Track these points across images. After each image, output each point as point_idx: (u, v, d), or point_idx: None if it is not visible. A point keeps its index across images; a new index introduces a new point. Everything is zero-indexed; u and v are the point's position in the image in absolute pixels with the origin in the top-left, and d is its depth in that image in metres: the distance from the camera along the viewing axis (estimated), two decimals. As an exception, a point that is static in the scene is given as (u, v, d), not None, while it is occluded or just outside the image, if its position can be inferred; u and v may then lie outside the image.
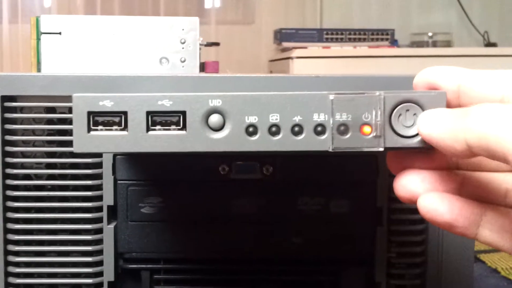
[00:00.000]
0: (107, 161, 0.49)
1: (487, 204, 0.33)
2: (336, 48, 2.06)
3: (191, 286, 0.51)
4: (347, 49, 2.07)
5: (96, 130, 0.33)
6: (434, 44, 2.21)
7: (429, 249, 0.50)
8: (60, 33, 1.11)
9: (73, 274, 0.50)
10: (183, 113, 0.33)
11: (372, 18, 2.44)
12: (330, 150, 0.33)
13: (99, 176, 0.49)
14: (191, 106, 0.33)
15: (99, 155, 0.49)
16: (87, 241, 0.50)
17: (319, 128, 0.33)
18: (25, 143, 0.50)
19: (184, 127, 0.33)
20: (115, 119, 0.33)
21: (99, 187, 0.49)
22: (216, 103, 0.33)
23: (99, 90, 0.48)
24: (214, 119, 0.33)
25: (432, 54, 2.05)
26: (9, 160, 0.49)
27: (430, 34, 2.24)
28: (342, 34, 2.13)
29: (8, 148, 0.49)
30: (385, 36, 2.14)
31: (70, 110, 0.50)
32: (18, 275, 0.50)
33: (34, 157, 0.50)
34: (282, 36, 2.13)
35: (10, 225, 0.49)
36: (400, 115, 0.33)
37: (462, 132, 0.29)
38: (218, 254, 0.50)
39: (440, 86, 0.33)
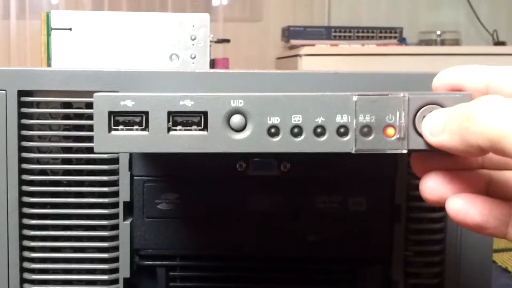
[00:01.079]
0: (123, 157, 0.49)
1: None
2: (344, 46, 2.06)
3: (207, 283, 0.50)
4: (355, 47, 2.06)
5: (117, 130, 0.33)
6: (443, 43, 2.20)
7: (447, 248, 0.49)
8: (70, 29, 1.11)
9: (88, 270, 0.50)
10: (205, 113, 0.33)
11: (380, 16, 2.44)
12: (353, 152, 0.33)
13: (115, 172, 0.49)
14: (213, 107, 0.33)
15: (116, 150, 0.49)
16: (103, 237, 0.49)
17: (342, 130, 0.33)
18: (41, 138, 0.49)
19: (205, 128, 0.33)
20: (136, 119, 0.33)
21: (115, 183, 0.49)
22: (238, 103, 0.33)
23: (116, 85, 0.48)
24: (236, 119, 0.33)
25: (441, 52, 2.04)
26: (25, 155, 0.49)
27: (438, 32, 2.23)
28: (350, 32, 2.12)
29: (24, 143, 0.49)
30: (393, 34, 2.13)
31: (87, 105, 0.49)
32: (33, 271, 0.50)
33: (50, 152, 0.50)
34: (290, 33, 2.13)
35: (26, 221, 0.49)
36: (424, 117, 0.32)
37: (472, 135, 0.28)
38: (234, 251, 0.50)
39: (466, 87, 0.32)
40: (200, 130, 0.33)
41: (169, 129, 0.33)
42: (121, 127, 0.33)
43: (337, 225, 0.49)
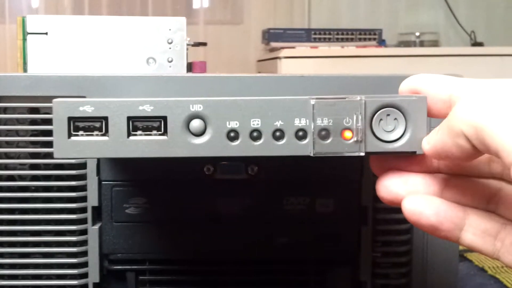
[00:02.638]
0: (91, 162, 0.49)
1: (470, 208, 0.33)
2: (324, 48, 2.07)
3: (177, 286, 0.50)
4: (335, 49, 2.07)
5: (77, 135, 0.33)
6: (422, 44, 2.22)
7: (414, 248, 0.50)
8: (46, 33, 1.10)
9: (58, 275, 0.50)
10: (164, 118, 0.33)
11: (360, 18, 2.45)
12: (311, 155, 0.33)
13: (83, 177, 0.49)
14: (172, 111, 0.33)
15: (83, 155, 0.49)
16: (71, 242, 0.49)
17: (300, 133, 0.33)
18: (9, 144, 0.49)
19: (165, 132, 0.33)
20: (96, 124, 0.33)
21: (83, 188, 0.49)
22: (197, 108, 0.33)
23: (83, 90, 0.48)
24: (195, 124, 0.33)
25: (420, 53, 2.06)
26: (-8, 161, 0.49)
27: (417, 34, 2.25)
28: (330, 34, 2.13)
29: (-8, 149, 0.49)
30: (373, 36, 2.14)
31: (54, 111, 0.49)
32: (2, 277, 0.49)
33: (18, 158, 0.49)
34: (270, 36, 2.14)
35: (-6, 227, 0.49)
36: (381, 119, 0.33)
37: (459, 120, 0.29)
38: (204, 255, 0.50)
39: (430, 95, 0.33)
40: (160, 135, 0.33)
41: (129, 134, 0.33)
42: (81, 132, 0.33)
43: (305, 227, 0.49)
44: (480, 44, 2.33)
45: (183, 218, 0.49)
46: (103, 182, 0.49)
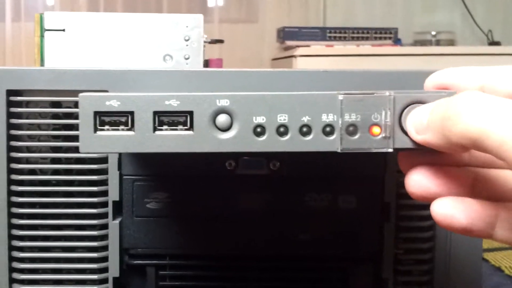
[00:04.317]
0: (112, 156, 0.48)
1: (501, 203, 0.32)
2: (339, 47, 2.06)
3: (197, 282, 0.50)
4: (350, 47, 2.06)
5: (103, 130, 0.33)
6: (438, 43, 2.20)
7: (437, 245, 0.49)
8: (63, 30, 1.11)
9: (78, 269, 0.50)
10: (191, 113, 0.33)
11: (375, 17, 2.44)
12: (339, 151, 0.32)
13: (104, 171, 0.49)
14: (199, 106, 0.33)
15: (105, 150, 0.48)
16: (92, 236, 0.49)
17: (327, 129, 0.32)
18: (31, 138, 0.49)
19: (191, 127, 0.33)
20: (122, 119, 0.33)
21: (104, 182, 0.49)
22: (223, 103, 0.33)
23: (105, 84, 0.48)
24: (222, 119, 0.33)
25: (436, 52, 2.04)
26: (14, 155, 0.49)
27: (433, 33, 2.23)
28: (345, 32, 2.12)
29: (13, 143, 0.49)
30: (388, 34, 2.13)
31: (75, 105, 0.49)
32: (22, 271, 0.50)
33: (39, 152, 0.49)
34: (285, 34, 2.13)
35: (15, 221, 0.49)
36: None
37: (454, 135, 0.28)
38: (224, 250, 0.50)
39: (460, 89, 0.32)
40: (186, 130, 0.33)
41: (154, 129, 0.33)
42: (106, 127, 0.33)
43: (327, 223, 0.49)
44: (497, 44, 2.31)
45: (204, 213, 0.49)
46: (124, 177, 0.49)
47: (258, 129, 0.33)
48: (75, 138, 0.49)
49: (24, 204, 0.49)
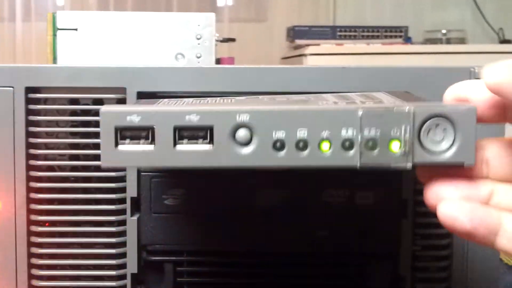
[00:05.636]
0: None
1: (506, 213, 0.32)
2: (349, 45, 2.06)
3: (214, 278, 0.50)
4: (361, 46, 2.06)
5: (124, 144, 0.33)
6: (448, 42, 2.19)
7: (455, 242, 0.49)
8: (76, 29, 1.11)
9: (96, 266, 0.50)
10: (211, 128, 0.33)
11: (385, 15, 2.43)
12: (358, 166, 0.32)
13: (122, 168, 0.49)
14: (219, 121, 0.33)
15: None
16: (110, 233, 0.49)
17: (347, 144, 0.32)
18: (49, 135, 0.50)
19: (211, 142, 0.33)
20: (143, 133, 0.33)
21: (122, 179, 0.49)
22: (243, 118, 0.33)
23: (123, 81, 0.48)
24: (242, 134, 0.33)
25: (446, 51, 2.04)
26: (32, 151, 0.49)
27: (444, 31, 2.23)
28: (355, 31, 2.12)
29: (32, 140, 0.49)
30: (399, 33, 2.13)
31: (93, 102, 0.50)
32: (41, 267, 0.50)
33: (58, 148, 0.50)
34: (295, 33, 2.13)
35: (33, 217, 0.49)
36: (429, 130, 0.32)
37: None
38: (241, 247, 0.50)
39: (480, 103, 0.32)
40: (206, 144, 0.33)
41: (175, 144, 0.33)
42: (127, 140, 0.33)
43: (345, 220, 0.49)
44: (508, 42, 2.30)
45: (221, 210, 0.49)
46: (142, 173, 0.49)
47: (278, 144, 0.33)
48: (93, 135, 0.49)
49: (42, 200, 0.49)
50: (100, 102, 0.49)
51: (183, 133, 0.33)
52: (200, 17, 1.12)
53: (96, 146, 0.49)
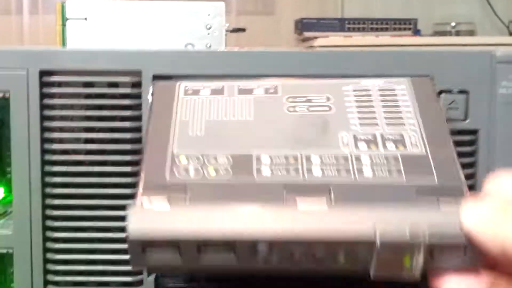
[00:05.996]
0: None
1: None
2: (358, 38, 2.05)
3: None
4: (369, 38, 2.05)
5: (151, 251, 0.34)
6: (457, 34, 2.18)
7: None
8: (85, 19, 1.11)
9: (112, 250, 0.50)
10: (233, 244, 0.34)
11: (394, 8, 2.42)
12: (371, 275, 0.34)
13: (138, 151, 0.49)
14: (239, 240, 0.34)
15: (137, 123, 0.48)
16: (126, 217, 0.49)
17: (361, 260, 0.34)
18: (63, 118, 0.49)
19: (234, 253, 0.34)
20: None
21: (138, 163, 0.49)
22: (261, 247, 0.34)
23: (138, 65, 0.48)
24: (261, 248, 0.34)
25: (455, 43, 2.03)
26: (47, 135, 0.49)
27: (453, 24, 2.21)
28: (364, 23, 2.11)
29: (47, 123, 0.49)
30: (408, 25, 2.12)
31: (108, 85, 0.49)
32: (56, 251, 0.50)
33: (73, 132, 0.49)
34: (303, 25, 2.12)
35: (49, 201, 0.49)
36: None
37: (501, 236, 0.29)
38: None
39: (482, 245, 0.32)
40: (229, 253, 0.34)
41: (199, 253, 0.34)
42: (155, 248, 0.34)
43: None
44: (517, 35, 2.29)
45: None
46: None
47: (296, 256, 0.34)
48: (108, 118, 0.49)
49: (57, 184, 0.49)
50: (115, 85, 0.49)
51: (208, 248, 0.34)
52: (210, 7, 1.11)
53: (111, 130, 0.49)
